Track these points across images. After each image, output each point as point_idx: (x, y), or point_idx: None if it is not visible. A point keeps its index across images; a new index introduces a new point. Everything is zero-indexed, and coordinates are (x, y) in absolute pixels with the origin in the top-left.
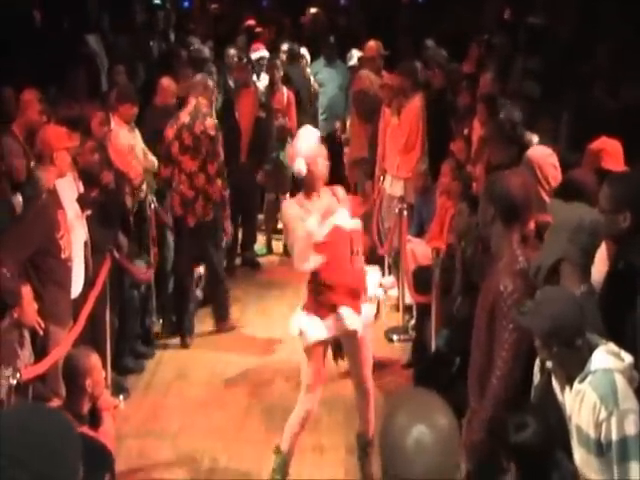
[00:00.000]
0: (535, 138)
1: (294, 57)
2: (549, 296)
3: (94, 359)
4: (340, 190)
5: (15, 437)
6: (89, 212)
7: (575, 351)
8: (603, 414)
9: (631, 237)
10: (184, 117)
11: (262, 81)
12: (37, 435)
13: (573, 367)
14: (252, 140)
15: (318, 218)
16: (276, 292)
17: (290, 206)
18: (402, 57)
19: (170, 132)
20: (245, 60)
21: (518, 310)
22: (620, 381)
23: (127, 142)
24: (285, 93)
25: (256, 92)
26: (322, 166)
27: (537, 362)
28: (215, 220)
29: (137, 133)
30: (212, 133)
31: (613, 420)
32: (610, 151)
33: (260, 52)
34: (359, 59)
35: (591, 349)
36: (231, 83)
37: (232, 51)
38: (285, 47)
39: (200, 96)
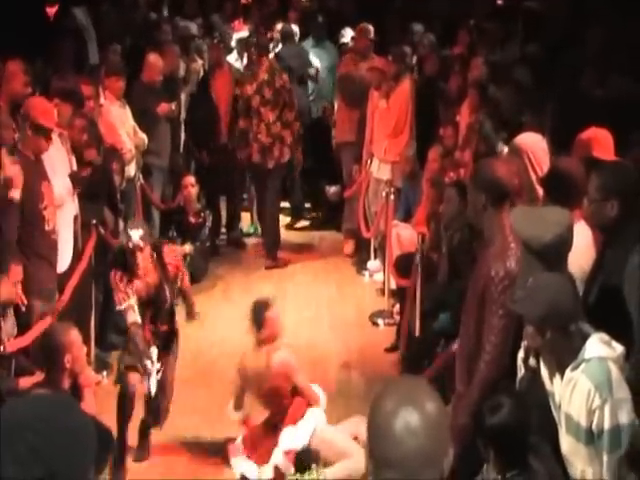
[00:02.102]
0: (505, 148)
1: (288, 37)
2: (543, 282)
3: (74, 334)
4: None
5: (35, 427)
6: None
7: (568, 337)
8: (597, 402)
9: (618, 226)
10: (262, 74)
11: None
12: (57, 429)
13: (565, 354)
14: (231, 119)
15: None
16: (261, 272)
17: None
18: (391, 40)
19: (249, 89)
20: (218, 38)
21: (510, 297)
22: (614, 370)
23: (118, 118)
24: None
25: (230, 71)
26: None
27: (520, 354)
28: (290, 161)
29: (128, 109)
30: (288, 86)
31: (606, 408)
32: (601, 140)
33: (243, 32)
34: (342, 44)
35: (584, 337)
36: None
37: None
38: (279, 27)
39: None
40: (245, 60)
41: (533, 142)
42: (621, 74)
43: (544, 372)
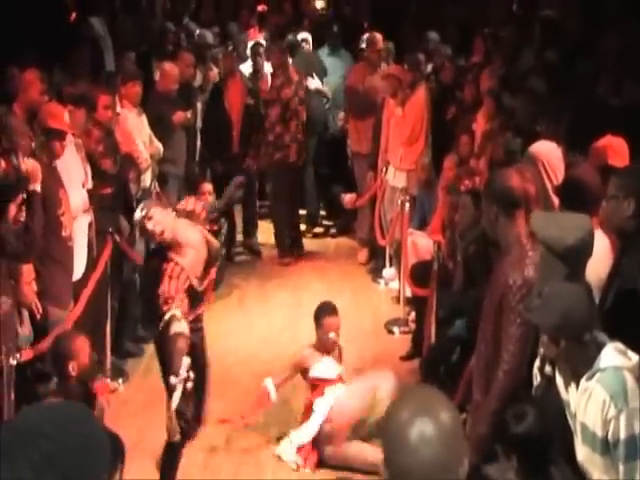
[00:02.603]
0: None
1: (294, 47)
2: (558, 291)
3: (80, 342)
4: None
5: (50, 434)
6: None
7: (583, 347)
8: (612, 412)
9: (635, 232)
10: (294, 76)
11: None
12: (71, 437)
13: (580, 363)
14: (243, 128)
15: None
16: (276, 280)
17: None
18: (406, 48)
19: (288, 92)
20: (231, 47)
21: (525, 306)
22: (630, 379)
23: (135, 126)
24: (269, 81)
25: (242, 79)
26: None
27: (536, 363)
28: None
29: (144, 117)
30: None
31: (622, 418)
32: (616, 148)
33: (256, 39)
34: (361, 49)
35: (599, 346)
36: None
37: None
38: (290, 37)
39: None
40: (252, 66)
41: (548, 150)
42: (637, 81)
43: (559, 381)
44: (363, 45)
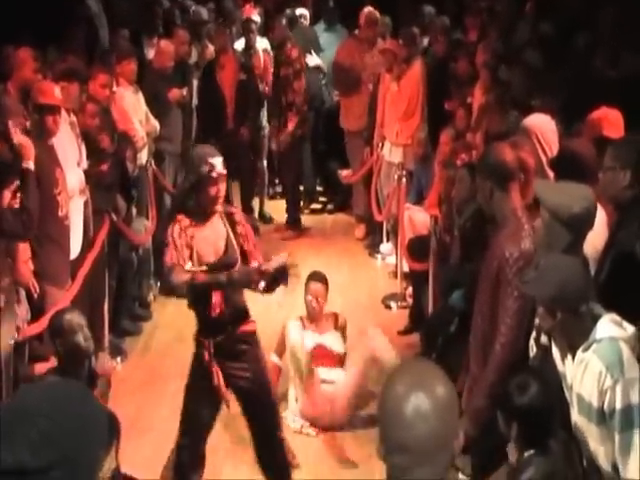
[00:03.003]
0: None
1: (292, 21)
2: (553, 263)
3: (76, 318)
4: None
5: (48, 413)
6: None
7: (579, 318)
8: (608, 382)
9: (632, 204)
10: (294, 52)
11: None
12: (70, 415)
13: (576, 335)
14: (237, 105)
15: None
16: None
17: None
18: (402, 22)
19: (298, 64)
20: (224, 23)
21: (521, 278)
22: (625, 350)
23: (132, 104)
24: (262, 57)
25: (235, 55)
26: None
27: (533, 334)
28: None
29: (141, 95)
30: None
31: (618, 388)
32: (611, 120)
33: (253, 16)
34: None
35: (594, 318)
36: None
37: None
38: (288, 11)
39: None
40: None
41: (542, 123)
42: (633, 53)
43: (555, 353)
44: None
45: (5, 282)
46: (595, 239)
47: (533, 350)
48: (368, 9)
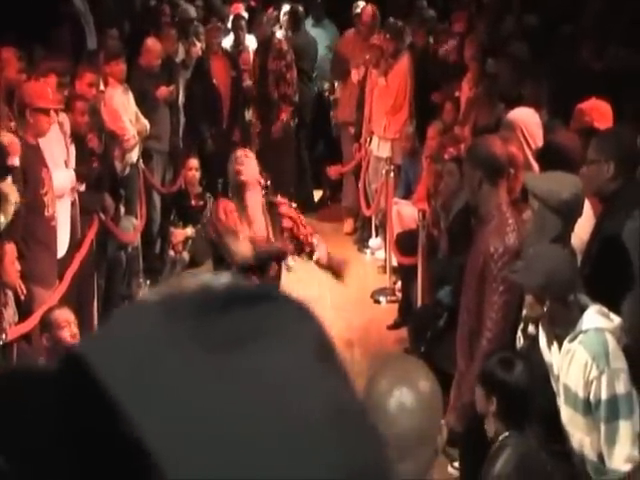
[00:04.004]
0: None
1: (297, 21)
2: (541, 252)
3: (66, 315)
4: None
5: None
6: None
7: (567, 307)
8: (594, 373)
9: (616, 195)
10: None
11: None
12: None
13: (563, 324)
14: (231, 103)
15: None
16: None
17: None
18: (394, 17)
19: (289, 58)
20: (216, 22)
21: (510, 268)
22: (611, 341)
23: (121, 104)
24: (251, 54)
25: (225, 53)
26: None
27: (520, 326)
28: None
29: (130, 94)
30: None
31: (604, 379)
32: (602, 111)
33: (240, 11)
34: (356, 15)
35: (581, 308)
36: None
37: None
38: (286, 9)
39: None
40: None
41: (526, 116)
42: (620, 45)
43: (542, 343)
44: (358, 11)
45: None
46: (580, 230)
47: (520, 341)
48: (371, 7)
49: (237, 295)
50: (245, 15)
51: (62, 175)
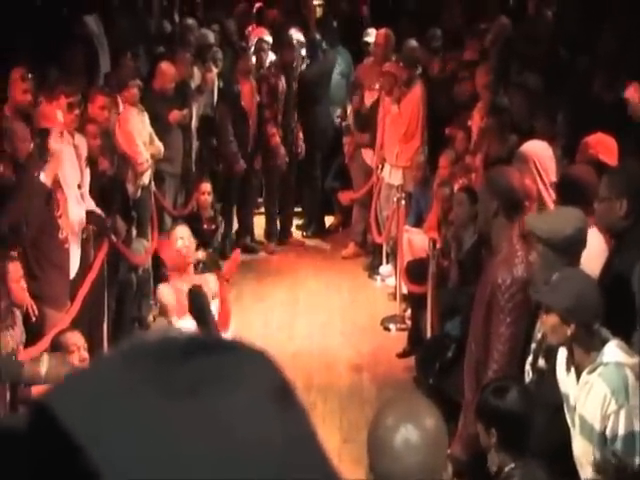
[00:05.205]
0: None
1: (315, 48)
2: (569, 275)
3: (76, 338)
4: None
5: None
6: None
7: (590, 335)
8: (612, 407)
9: (628, 231)
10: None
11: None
12: None
13: (584, 354)
14: (260, 126)
15: None
16: (273, 278)
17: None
18: (403, 40)
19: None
20: (243, 46)
21: (533, 289)
22: (631, 376)
23: (136, 126)
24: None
25: (250, 77)
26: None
27: (529, 360)
28: None
29: (146, 116)
30: None
31: (622, 414)
32: (607, 145)
33: (263, 35)
34: (366, 43)
35: (603, 341)
36: None
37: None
38: (297, 36)
39: None
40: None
41: (539, 149)
42: (633, 78)
43: (559, 372)
44: (367, 39)
45: (2, 305)
46: (593, 264)
47: (529, 375)
48: (385, 32)
49: (197, 344)
50: (269, 39)
51: (73, 197)
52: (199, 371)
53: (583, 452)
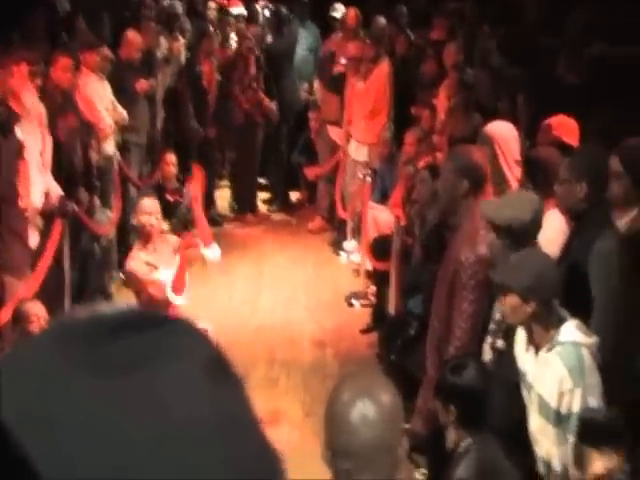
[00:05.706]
0: None
1: (282, 22)
2: (528, 255)
3: (37, 308)
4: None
5: None
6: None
7: (549, 313)
8: (568, 385)
9: (587, 213)
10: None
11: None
12: None
13: (543, 331)
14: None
15: None
16: (238, 252)
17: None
18: (371, 18)
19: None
20: (207, 29)
21: (492, 271)
22: (587, 356)
23: (96, 92)
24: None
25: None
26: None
27: (487, 339)
28: None
29: (106, 83)
30: None
31: (577, 393)
32: (569, 127)
33: (238, 9)
34: (333, 18)
35: (560, 320)
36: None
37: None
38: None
39: None
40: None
41: (503, 130)
42: (600, 60)
43: (518, 351)
44: (335, 14)
45: None
46: (553, 245)
47: (488, 355)
48: (353, 10)
49: (126, 322)
50: (237, 12)
51: (34, 165)
52: (131, 349)
53: (539, 429)
